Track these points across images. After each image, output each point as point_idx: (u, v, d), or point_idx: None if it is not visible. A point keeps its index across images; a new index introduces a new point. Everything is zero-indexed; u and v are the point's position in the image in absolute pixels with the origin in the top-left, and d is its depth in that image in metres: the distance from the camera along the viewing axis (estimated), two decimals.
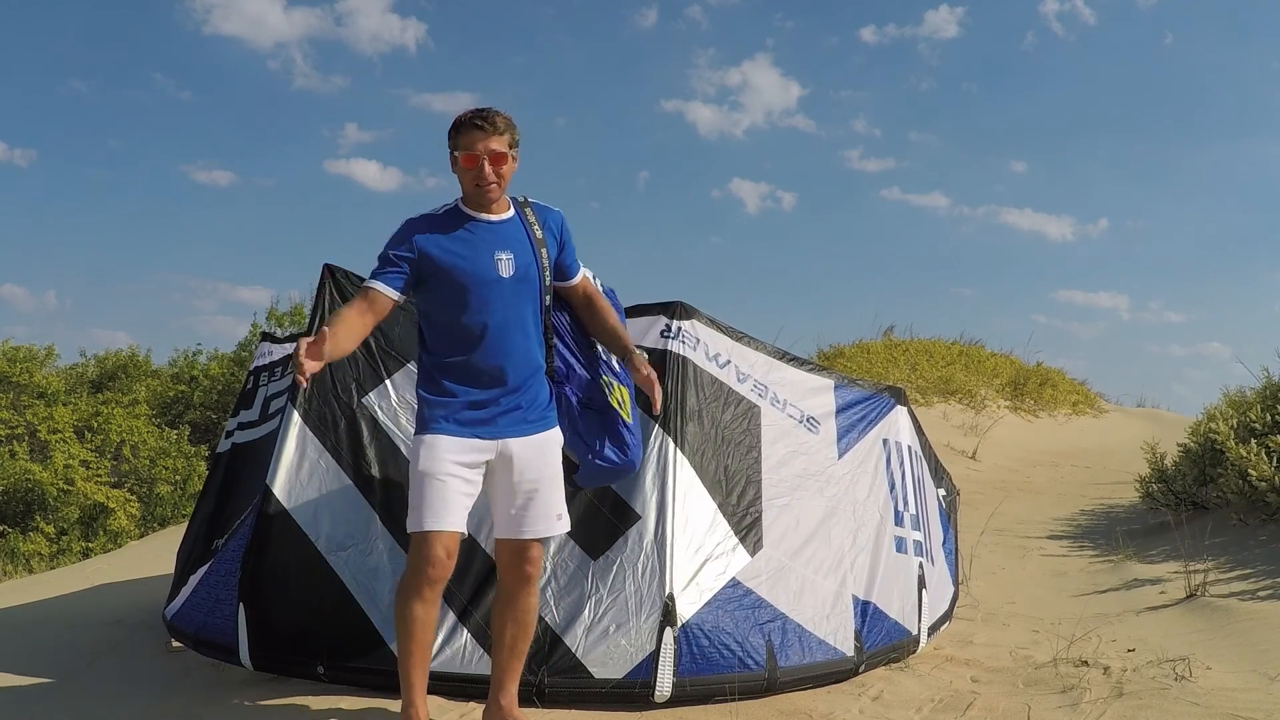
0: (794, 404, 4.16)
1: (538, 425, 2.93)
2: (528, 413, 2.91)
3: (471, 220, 2.92)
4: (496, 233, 2.91)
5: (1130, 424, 16.11)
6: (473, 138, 2.84)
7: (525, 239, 2.93)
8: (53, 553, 10.70)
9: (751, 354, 4.12)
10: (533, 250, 2.93)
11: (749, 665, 3.37)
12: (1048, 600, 5.52)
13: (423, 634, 2.82)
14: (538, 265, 2.92)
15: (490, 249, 2.88)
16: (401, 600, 2.82)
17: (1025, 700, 3.49)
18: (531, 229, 2.95)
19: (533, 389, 2.92)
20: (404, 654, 2.84)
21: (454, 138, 2.89)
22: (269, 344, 5.06)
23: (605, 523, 3.49)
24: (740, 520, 3.68)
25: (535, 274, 2.92)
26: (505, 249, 2.89)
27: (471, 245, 2.88)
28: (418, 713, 2.85)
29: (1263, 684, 3.70)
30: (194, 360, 16.25)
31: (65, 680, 3.92)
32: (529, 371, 2.92)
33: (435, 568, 2.77)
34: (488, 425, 2.86)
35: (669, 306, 3.91)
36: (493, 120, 2.86)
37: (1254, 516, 6.51)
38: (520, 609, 2.95)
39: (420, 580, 2.78)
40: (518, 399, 2.89)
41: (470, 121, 2.85)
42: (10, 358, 12.48)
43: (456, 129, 2.88)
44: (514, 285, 2.88)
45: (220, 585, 3.85)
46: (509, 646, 2.96)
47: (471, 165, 2.85)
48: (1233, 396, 8.35)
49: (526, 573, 2.93)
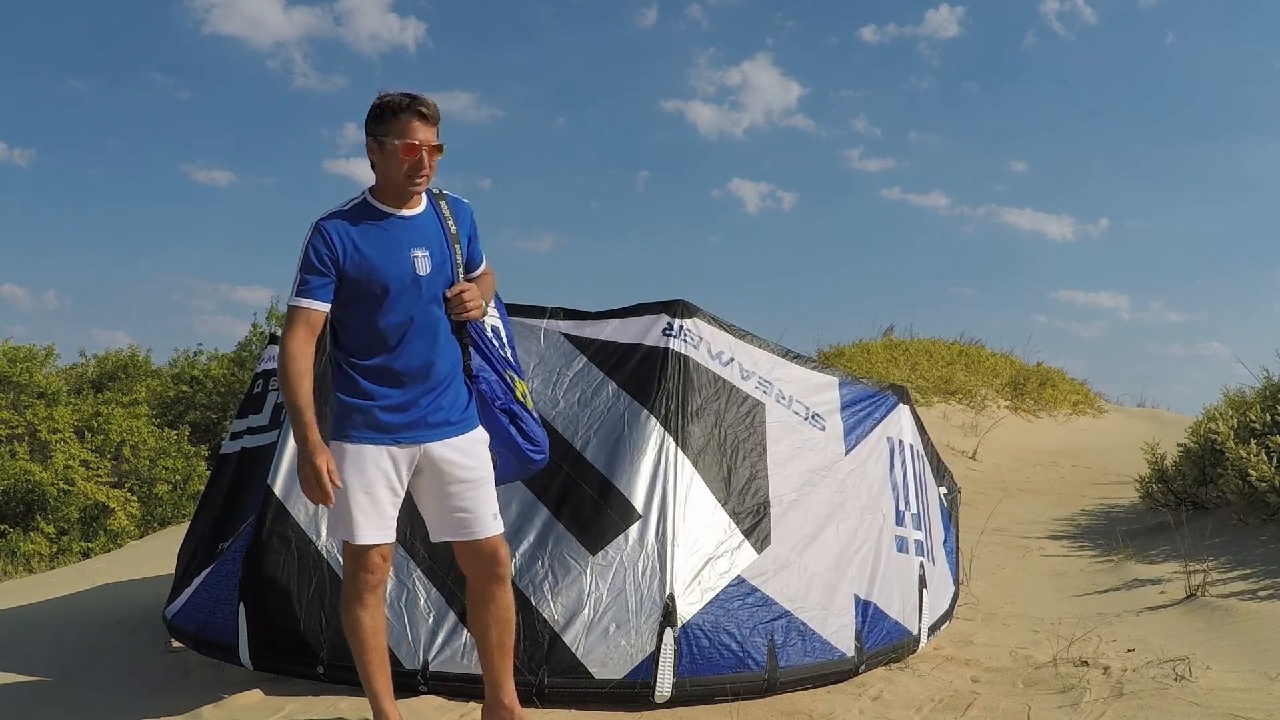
0: (799, 400, 4.15)
1: (461, 426, 2.83)
2: (449, 414, 2.82)
3: (386, 216, 2.79)
4: (412, 228, 2.79)
5: (1130, 424, 16.09)
6: (413, 126, 2.71)
7: (440, 234, 2.82)
8: (53, 553, 10.71)
9: (755, 351, 4.11)
10: (447, 245, 2.82)
11: (749, 665, 3.37)
12: (1048, 600, 5.52)
13: (374, 639, 2.82)
14: (452, 261, 2.82)
15: (406, 246, 2.76)
16: (346, 610, 2.81)
17: (1025, 700, 3.49)
18: (446, 223, 2.84)
19: (453, 390, 2.83)
20: (361, 663, 2.83)
21: (387, 123, 2.72)
22: (275, 347, 5.03)
23: (606, 520, 3.48)
24: (745, 518, 3.67)
25: (450, 270, 2.82)
26: (421, 245, 2.78)
27: (387, 243, 2.75)
28: (389, 717, 2.85)
29: (1263, 684, 3.70)
30: (195, 360, 16.25)
31: (65, 680, 3.92)
32: (447, 371, 2.82)
33: (373, 574, 2.78)
34: (409, 430, 2.77)
35: (670, 305, 3.90)
36: (432, 108, 2.74)
37: (1254, 516, 6.51)
38: (500, 606, 2.89)
39: (360, 586, 2.78)
40: (438, 399, 2.80)
41: (412, 108, 2.71)
42: (10, 358, 12.48)
43: (392, 113, 2.72)
44: (430, 282, 2.78)
45: (222, 586, 3.86)
46: (497, 646, 2.91)
47: (411, 155, 2.71)
48: (1233, 396, 8.34)
49: (499, 574, 2.87)
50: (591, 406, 3.74)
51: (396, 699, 2.95)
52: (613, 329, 3.90)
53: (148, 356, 16.93)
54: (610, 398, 3.74)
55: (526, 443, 2.97)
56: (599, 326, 3.91)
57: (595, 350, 3.85)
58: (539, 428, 3.04)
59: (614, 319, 3.92)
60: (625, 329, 3.89)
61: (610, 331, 3.89)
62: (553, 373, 3.83)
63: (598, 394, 3.76)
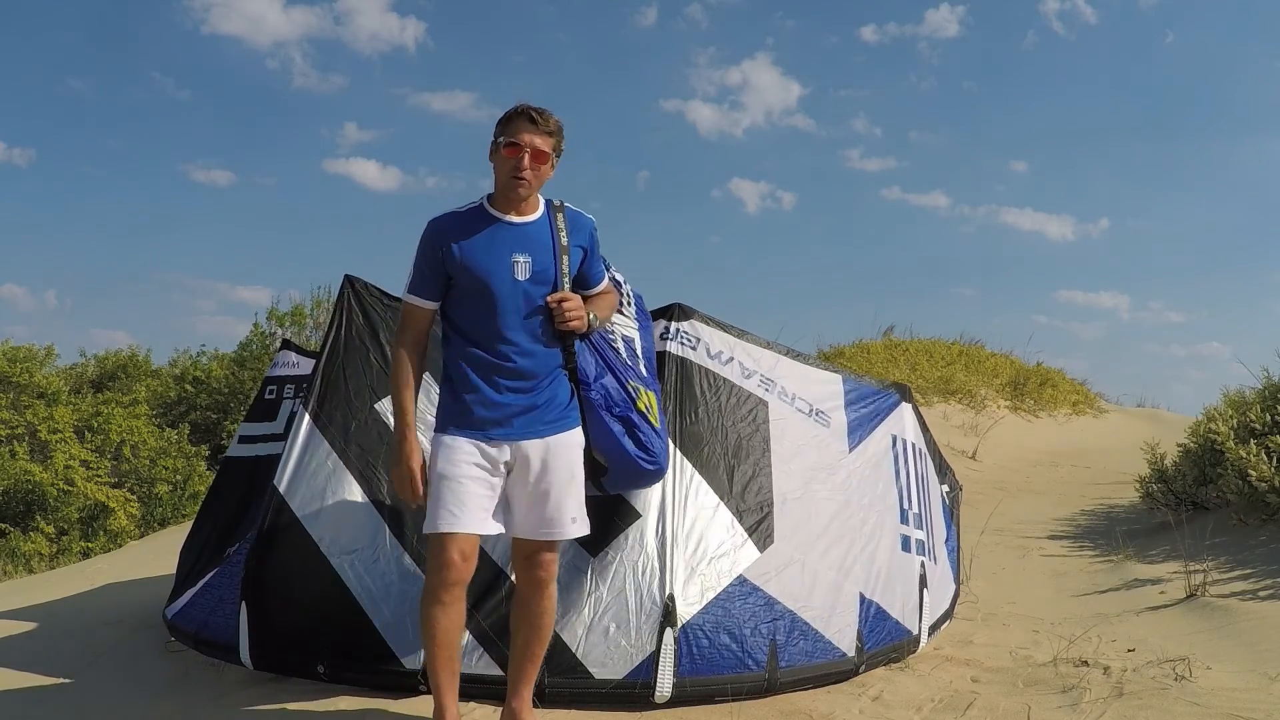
0: (802, 397, 4.14)
1: (556, 426, 2.89)
2: (545, 413, 2.88)
3: (495, 221, 2.89)
4: (518, 234, 2.89)
5: (1130, 424, 16.09)
6: (522, 128, 2.83)
7: (548, 242, 2.90)
8: (53, 553, 10.70)
9: (755, 349, 4.11)
10: (554, 254, 2.89)
11: (749, 666, 3.36)
12: (1048, 600, 5.52)
13: (444, 636, 2.80)
14: (556, 269, 2.89)
15: (509, 250, 2.85)
16: (422, 605, 2.82)
17: (1025, 700, 3.49)
18: (558, 234, 2.91)
19: (550, 389, 2.89)
20: (429, 657, 2.84)
21: (502, 126, 2.87)
22: (291, 353, 5.01)
23: (606, 520, 3.46)
24: (749, 516, 3.67)
25: (553, 277, 2.88)
26: (524, 251, 2.86)
27: (490, 246, 2.85)
28: (446, 714, 2.83)
29: (1263, 684, 3.70)
30: (196, 361, 16.25)
31: (65, 680, 3.92)
32: (545, 372, 2.89)
33: (450, 570, 2.76)
34: (503, 426, 2.84)
35: (666, 310, 3.92)
36: (546, 119, 2.86)
37: (1254, 516, 6.51)
38: (534, 612, 2.92)
39: (436, 583, 2.78)
40: (534, 399, 2.86)
41: (524, 113, 2.85)
42: (10, 358, 12.47)
43: (508, 118, 2.86)
44: (530, 287, 2.86)
45: (224, 586, 3.86)
46: (522, 648, 2.94)
47: (513, 155, 2.82)
48: (1233, 396, 8.34)
49: (539, 577, 2.90)
50: None
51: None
52: None
53: (148, 356, 16.93)
54: None
55: (639, 451, 3.07)
56: None
57: None
58: (659, 439, 3.14)
59: None
60: None
61: None
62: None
63: None
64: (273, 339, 15.01)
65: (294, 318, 15.13)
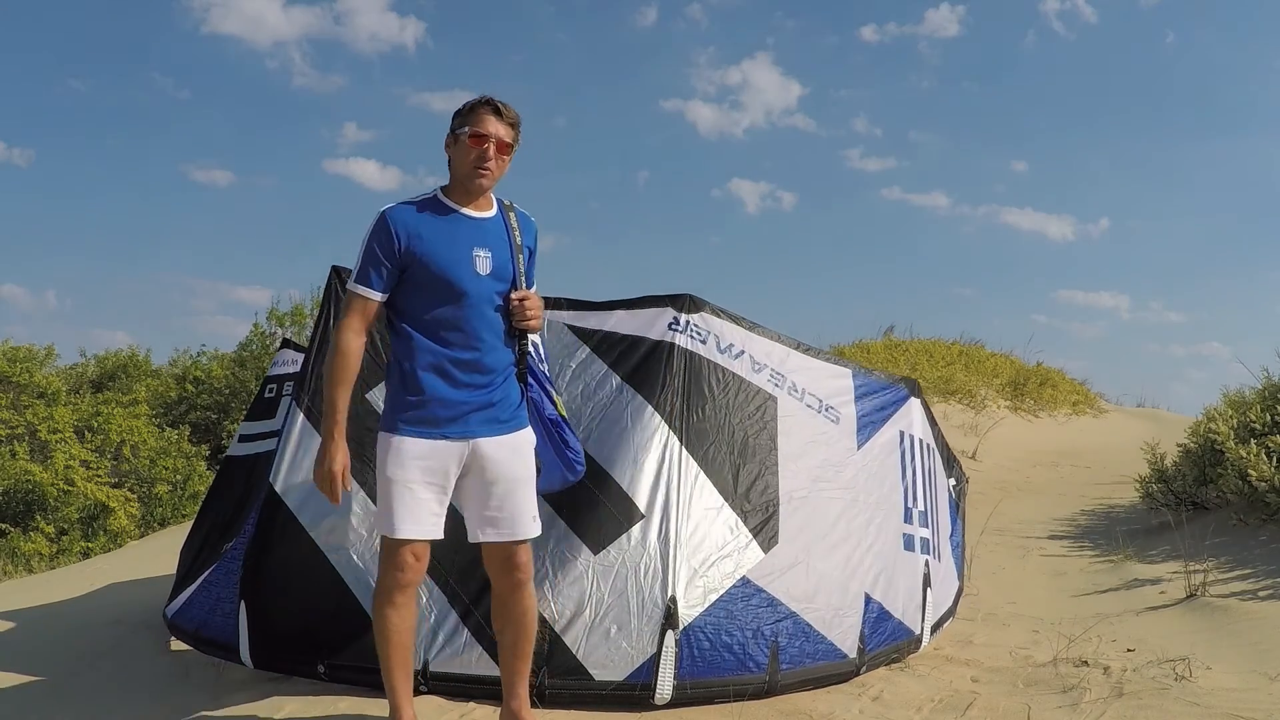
0: (812, 392, 4.09)
1: (510, 425, 2.86)
2: (500, 411, 2.85)
3: (453, 212, 2.85)
4: (477, 228, 2.85)
5: (1130, 424, 16.08)
6: (485, 119, 2.81)
7: (505, 239, 2.88)
8: (53, 553, 10.70)
9: (767, 343, 4.06)
10: (511, 251, 2.88)
11: (750, 668, 3.36)
12: (1048, 600, 5.51)
13: (399, 637, 2.81)
14: (514, 267, 2.87)
15: (470, 244, 2.82)
16: (376, 607, 2.83)
17: (1025, 700, 3.49)
18: (513, 232, 2.90)
19: (504, 388, 2.86)
20: (383, 659, 2.84)
21: (463, 116, 2.84)
22: (290, 351, 5.01)
23: (608, 519, 3.46)
24: (753, 516, 3.64)
25: (511, 274, 2.87)
26: (484, 246, 2.83)
27: (451, 238, 2.81)
28: (403, 714, 2.84)
29: (1263, 684, 3.69)
30: (196, 361, 16.26)
31: (65, 680, 3.92)
32: (500, 370, 2.86)
33: (406, 572, 2.77)
34: (459, 424, 2.80)
35: (677, 299, 3.86)
36: (509, 110, 2.85)
37: (1254, 516, 6.50)
38: (517, 612, 2.91)
39: (391, 584, 2.79)
40: (490, 395, 2.83)
41: (488, 103, 2.83)
42: (10, 358, 12.47)
43: (470, 108, 2.84)
44: (489, 283, 2.82)
45: (223, 584, 3.86)
46: (511, 649, 2.94)
47: (478, 145, 2.79)
48: (1233, 396, 8.33)
49: (517, 579, 2.89)
50: (595, 400, 3.71)
51: None
52: (616, 320, 3.85)
53: (148, 356, 16.95)
54: (614, 392, 3.70)
55: (569, 452, 3.04)
56: (603, 317, 3.86)
57: (598, 341, 3.80)
58: (576, 440, 3.10)
59: (619, 310, 3.88)
60: (629, 320, 3.84)
61: (614, 322, 3.85)
62: (555, 364, 3.77)
63: (601, 387, 3.72)
64: (273, 339, 15.03)
65: (294, 318, 15.14)
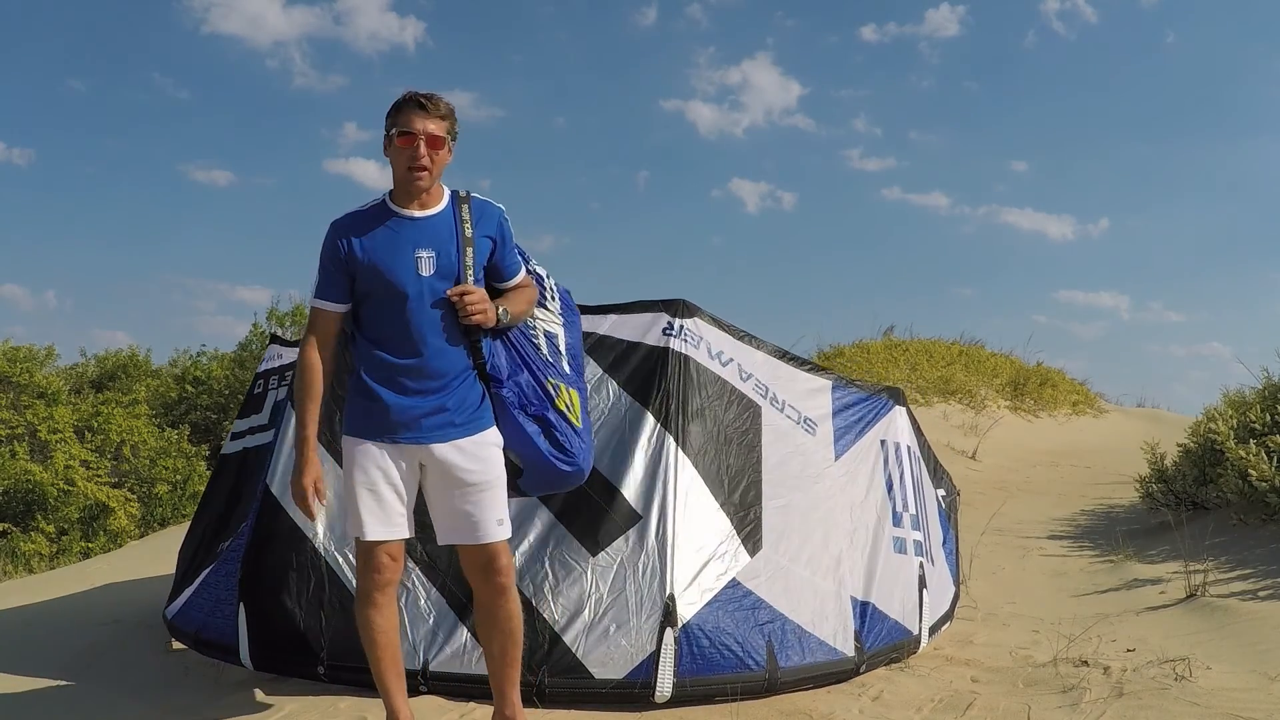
0: (792, 405, 4.15)
1: (466, 429, 2.79)
2: (455, 415, 2.78)
3: (395, 217, 2.80)
4: (420, 229, 2.79)
5: (1130, 424, 16.08)
6: (411, 117, 2.74)
7: (451, 236, 2.80)
8: (53, 553, 10.71)
9: (754, 353, 4.11)
10: (457, 248, 2.79)
11: (749, 665, 3.36)
12: (1048, 600, 5.51)
13: (383, 637, 2.80)
14: (460, 264, 2.79)
15: (411, 246, 2.76)
16: (358, 609, 2.82)
17: (1025, 700, 3.49)
18: (462, 225, 2.82)
19: (460, 391, 2.79)
20: (372, 661, 2.83)
21: (392, 116, 2.78)
22: (277, 346, 5.03)
23: (607, 521, 3.48)
24: (742, 520, 3.67)
25: (458, 273, 2.78)
26: (427, 246, 2.77)
27: (392, 243, 2.77)
28: (400, 715, 2.83)
29: (1263, 684, 3.69)
30: (196, 361, 16.27)
31: (65, 680, 3.92)
32: (455, 372, 2.79)
33: (382, 573, 2.78)
34: (411, 430, 2.76)
35: (671, 304, 3.89)
36: (435, 103, 2.77)
37: (1254, 516, 6.50)
38: (501, 619, 2.84)
39: (369, 585, 2.79)
40: (442, 400, 2.77)
41: (412, 100, 2.76)
42: (10, 358, 12.48)
43: (396, 108, 2.77)
44: (435, 284, 2.76)
45: (222, 585, 3.86)
46: (499, 656, 2.88)
47: (408, 144, 2.73)
48: (1233, 396, 8.33)
49: (499, 584, 2.82)
50: (591, 404, 3.71)
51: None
52: (611, 324, 3.87)
53: (148, 356, 16.96)
54: (611, 396, 3.73)
55: (555, 451, 2.90)
56: (598, 320, 3.87)
57: (594, 344, 3.80)
58: (579, 439, 2.95)
59: (613, 314, 3.90)
60: (624, 324, 3.87)
61: (609, 326, 3.87)
62: None
63: (597, 391, 3.73)
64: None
65: (294, 317, 15.14)
